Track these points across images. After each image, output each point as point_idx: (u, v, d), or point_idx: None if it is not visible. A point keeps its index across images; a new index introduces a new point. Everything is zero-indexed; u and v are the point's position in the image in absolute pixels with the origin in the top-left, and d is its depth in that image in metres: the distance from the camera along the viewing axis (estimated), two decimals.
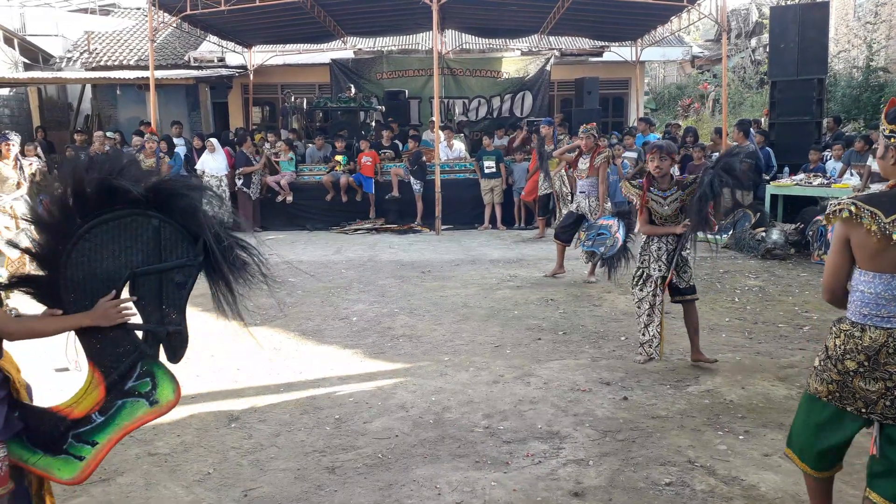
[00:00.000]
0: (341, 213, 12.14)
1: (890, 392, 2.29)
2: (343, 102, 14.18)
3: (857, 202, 2.31)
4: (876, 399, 2.31)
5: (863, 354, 2.32)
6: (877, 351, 2.29)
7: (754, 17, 25.09)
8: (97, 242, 2.20)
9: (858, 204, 2.30)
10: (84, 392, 2.29)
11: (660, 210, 4.67)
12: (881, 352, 2.28)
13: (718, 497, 3.09)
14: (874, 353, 2.29)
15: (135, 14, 20.04)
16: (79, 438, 2.25)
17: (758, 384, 4.44)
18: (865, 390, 2.33)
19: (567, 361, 4.95)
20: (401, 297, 6.98)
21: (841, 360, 2.38)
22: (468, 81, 16.39)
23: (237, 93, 17.17)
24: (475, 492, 3.17)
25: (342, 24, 14.71)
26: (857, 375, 2.34)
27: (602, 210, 7.30)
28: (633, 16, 13.67)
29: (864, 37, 16.64)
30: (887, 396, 2.29)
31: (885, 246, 2.25)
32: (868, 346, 2.31)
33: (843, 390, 2.39)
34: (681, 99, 23.32)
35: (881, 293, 2.29)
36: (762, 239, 8.76)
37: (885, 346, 2.28)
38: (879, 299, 2.30)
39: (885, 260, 2.27)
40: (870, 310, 2.32)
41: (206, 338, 5.70)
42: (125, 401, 2.28)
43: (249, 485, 3.30)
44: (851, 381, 2.36)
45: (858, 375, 2.34)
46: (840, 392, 2.40)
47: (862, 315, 2.34)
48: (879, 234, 2.24)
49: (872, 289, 2.31)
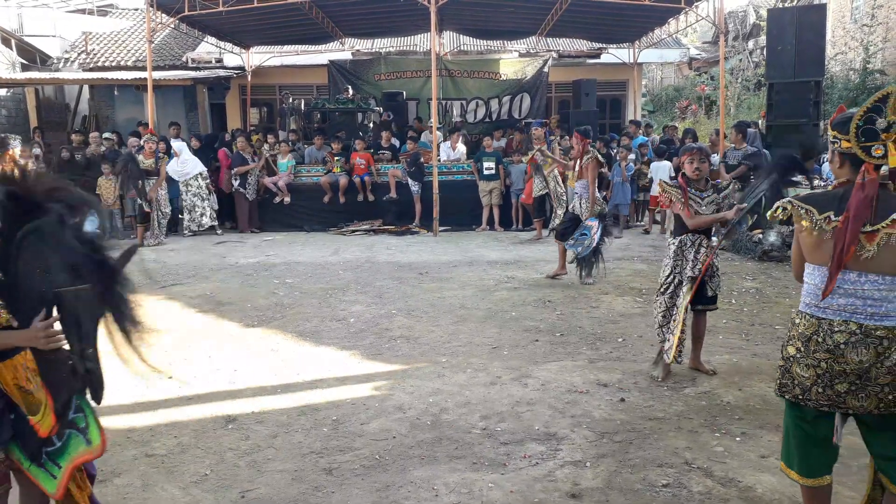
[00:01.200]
0: (339, 214, 12.14)
1: (820, 379, 2.37)
2: (341, 104, 14.19)
3: (792, 201, 2.46)
4: (809, 385, 2.40)
5: (799, 341, 2.44)
6: (808, 338, 2.41)
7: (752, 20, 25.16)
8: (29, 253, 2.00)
9: (794, 202, 2.45)
10: (45, 411, 2.19)
11: (699, 210, 4.53)
12: (811, 339, 2.40)
13: (715, 498, 3.10)
14: (806, 340, 2.41)
15: (132, 15, 20.02)
16: (49, 457, 2.21)
17: (755, 386, 4.45)
18: (800, 376, 2.43)
19: (564, 363, 4.96)
20: (398, 298, 6.99)
21: (786, 345, 2.52)
22: (466, 83, 16.41)
23: (235, 94, 17.16)
24: (472, 493, 3.17)
25: (340, 25, 14.72)
26: (794, 361, 2.45)
27: (591, 211, 7.34)
28: (630, 18, 13.69)
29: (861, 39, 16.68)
30: (818, 383, 2.38)
31: (820, 241, 2.37)
32: (802, 332, 2.44)
33: (784, 377, 2.49)
34: (678, 101, 23.36)
35: (819, 284, 2.41)
36: (759, 241, 8.78)
37: (815, 334, 2.39)
38: (817, 290, 2.41)
39: (822, 253, 2.39)
40: (810, 299, 2.45)
41: (203, 339, 5.70)
42: (70, 432, 2.20)
43: (247, 486, 3.30)
44: (791, 366, 2.46)
45: (796, 361, 2.45)
46: (781, 379, 2.50)
47: (805, 304, 2.48)
48: (813, 230, 2.37)
49: (813, 280, 2.45)
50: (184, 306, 6.84)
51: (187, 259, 9.44)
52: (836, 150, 2.43)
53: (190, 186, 11.48)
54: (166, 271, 8.58)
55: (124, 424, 4.05)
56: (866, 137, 2.32)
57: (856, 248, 2.29)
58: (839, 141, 2.41)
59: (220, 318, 6.42)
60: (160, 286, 7.73)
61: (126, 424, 4.05)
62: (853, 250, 2.29)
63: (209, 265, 8.96)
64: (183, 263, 9.11)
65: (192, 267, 8.86)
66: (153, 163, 10.72)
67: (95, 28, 18.19)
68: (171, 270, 8.63)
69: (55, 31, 17.40)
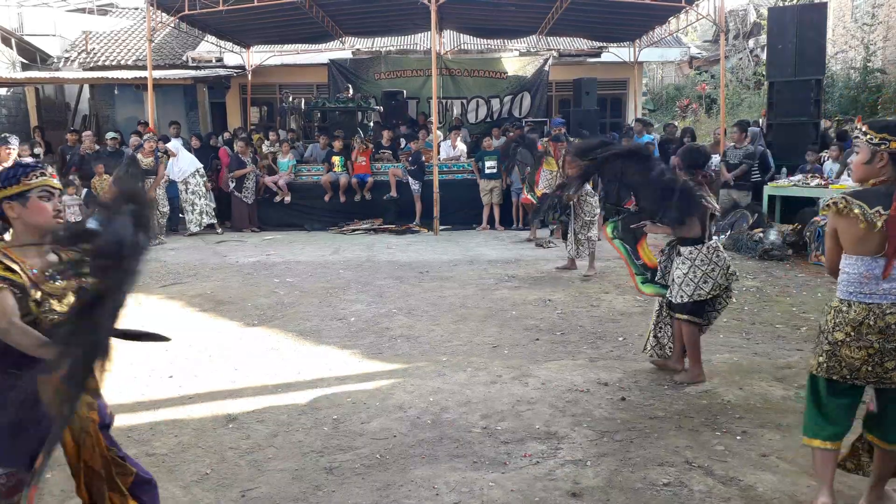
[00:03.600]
0: (339, 213, 12.14)
1: (871, 358, 2.71)
2: (341, 103, 14.18)
3: (845, 197, 2.72)
4: (859, 366, 2.74)
5: (849, 326, 2.74)
6: (860, 323, 2.72)
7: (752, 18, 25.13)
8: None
9: (847, 198, 2.71)
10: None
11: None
12: (863, 323, 2.71)
13: (716, 497, 3.09)
14: (857, 325, 2.72)
15: (133, 14, 20.00)
16: None
17: (755, 385, 4.45)
18: (851, 358, 2.74)
19: (565, 362, 4.95)
20: (399, 297, 6.98)
21: (832, 332, 2.79)
22: (466, 82, 16.39)
23: (235, 93, 17.15)
24: (473, 492, 3.17)
25: (340, 24, 14.71)
26: (843, 345, 2.75)
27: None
28: (631, 16, 13.67)
29: (862, 38, 16.67)
30: (868, 363, 2.71)
31: (869, 233, 2.67)
32: (853, 318, 2.73)
33: (832, 360, 2.80)
34: (679, 99, 23.34)
35: (863, 273, 2.71)
36: (760, 240, 8.77)
37: (867, 318, 2.70)
38: (862, 279, 2.71)
39: (867, 245, 2.69)
40: (854, 288, 2.74)
41: (204, 338, 5.70)
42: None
43: (247, 485, 3.30)
44: (840, 350, 2.77)
45: (845, 345, 2.75)
46: (828, 362, 2.81)
47: (848, 293, 2.77)
48: (865, 223, 2.66)
49: (856, 270, 2.73)
50: (184, 305, 6.84)
51: (187, 258, 9.44)
52: (885, 151, 2.71)
53: (188, 184, 11.49)
54: (166, 270, 8.58)
55: (125, 423, 4.05)
56: None
57: None
58: (888, 142, 2.71)
59: (221, 317, 6.42)
60: (160, 285, 7.73)
61: (127, 423, 4.04)
62: None
63: (209, 264, 8.96)
64: (183, 262, 9.11)
65: (192, 266, 8.86)
66: (152, 161, 10.71)
67: (95, 27, 18.18)
68: (171, 270, 8.63)
69: (55, 31, 17.36)
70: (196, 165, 11.55)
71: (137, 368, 4.97)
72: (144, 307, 6.83)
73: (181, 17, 12.29)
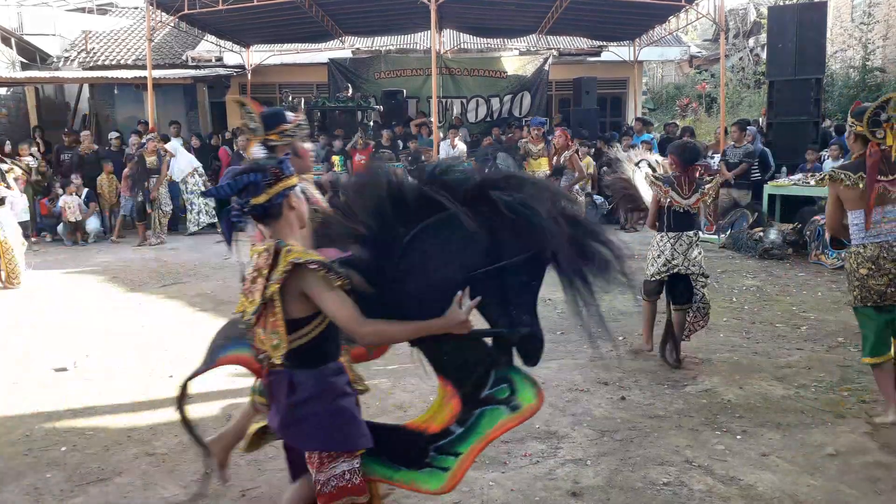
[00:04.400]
0: None
1: (892, 282, 3.64)
2: (341, 102, 14.17)
3: (835, 169, 3.83)
4: (885, 290, 3.66)
5: (869, 262, 3.68)
6: (876, 257, 3.66)
7: (752, 17, 25.12)
8: (426, 249, 2.11)
9: (836, 170, 3.80)
10: (437, 407, 2.27)
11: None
12: (879, 257, 3.66)
13: (716, 497, 3.09)
14: (875, 259, 3.66)
15: (132, 13, 19.97)
16: (441, 451, 2.21)
17: (755, 384, 4.45)
18: (877, 285, 3.68)
19: (565, 361, 4.95)
20: None
21: (857, 270, 3.73)
22: (466, 81, 16.39)
23: (235, 92, 17.09)
24: (473, 492, 3.17)
25: (340, 23, 14.70)
26: (869, 277, 3.69)
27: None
28: (630, 15, 13.68)
29: (860, 37, 16.67)
30: (891, 285, 3.65)
31: (858, 192, 3.67)
32: (870, 256, 3.68)
33: (863, 291, 3.72)
34: (679, 99, 23.33)
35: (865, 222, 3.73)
36: (760, 239, 8.76)
37: (881, 253, 3.66)
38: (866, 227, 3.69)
39: (861, 201, 3.69)
40: (863, 234, 3.71)
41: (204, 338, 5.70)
42: (483, 409, 2.20)
43: (247, 485, 3.30)
44: (867, 282, 3.70)
45: (870, 277, 3.68)
46: (861, 294, 3.74)
47: (861, 238, 3.72)
48: (852, 186, 3.67)
49: (860, 220, 3.71)
50: (184, 305, 6.84)
51: (188, 258, 9.44)
52: (853, 132, 3.80)
53: (187, 184, 11.48)
54: (167, 270, 8.58)
55: (125, 423, 4.05)
56: (873, 125, 3.65)
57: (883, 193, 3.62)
58: (855, 125, 3.76)
59: (221, 317, 6.40)
60: (160, 285, 7.73)
61: (127, 424, 4.05)
62: (875, 193, 3.61)
63: (210, 264, 8.95)
64: (183, 262, 9.11)
65: (192, 266, 8.86)
66: (155, 160, 10.72)
67: (95, 27, 18.16)
68: (171, 269, 8.63)
69: (55, 30, 17.35)
70: (194, 165, 11.55)
71: (138, 368, 4.98)
72: (144, 307, 6.84)
73: (181, 17, 12.29)
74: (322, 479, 2.13)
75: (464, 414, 2.21)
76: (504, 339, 2.20)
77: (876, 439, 3.62)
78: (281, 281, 2.02)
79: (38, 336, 5.79)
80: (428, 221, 2.11)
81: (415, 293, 2.13)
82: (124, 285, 7.83)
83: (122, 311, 6.70)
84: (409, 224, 2.13)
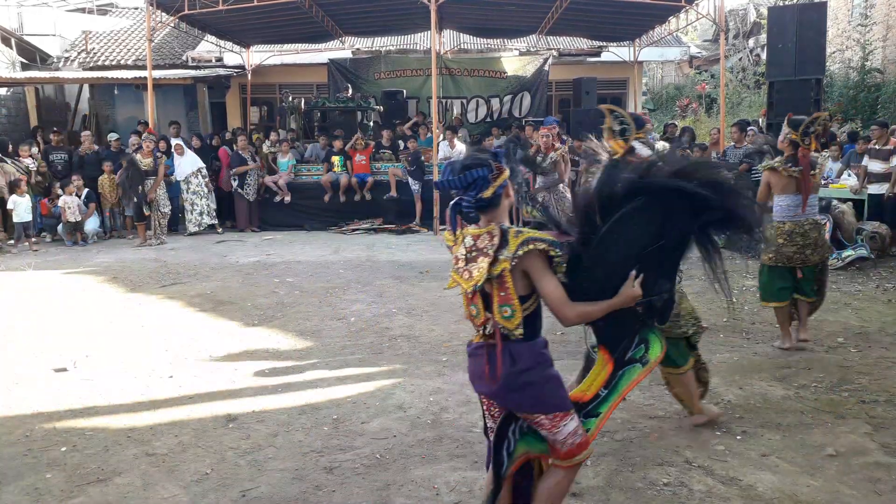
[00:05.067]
0: (339, 213, 12.13)
1: (800, 251, 4.95)
2: (341, 102, 14.17)
3: (774, 163, 4.96)
4: (791, 255, 4.97)
5: (785, 234, 4.97)
6: (791, 232, 4.96)
7: (752, 18, 25.13)
8: (616, 237, 2.38)
9: (775, 163, 4.94)
10: (595, 375, 2.52)
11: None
12: (793, 232, 4.96)
13: (716, 497, 3.09)
14: (790, 233, 4.96)
15: (132, 14, 19.98)
16: (588, 415, 2.48)
17: (755, 384, 4.45)
18: (787, 251, 4.97)
19: (565, 362, 4.93)
20: (399, 297, 6.98)
21: (775, 239, 4.90)
22: (466, 81, 16.39)
23: (235, 93, 17.15)
24: (473, 492, 3.17)
25: (340, 23, 14.71)
26: (783, 245, 4.97)
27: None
28: (630, 16, 13.67)
29: (858, 38, 16.68)
30: (798, 253, 4.95)
31: (787, 180, 4.92)
32: (787, 230, 4.97)
33: (777, 255, 5.00)
34: (679, 99, 23.33)
35: (788, 205, 5.01)
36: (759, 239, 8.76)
37: (794, 229, 4.94)
38: (789, 208, 5.00)
39: (789, 187, 4.95)
40: (785, 213, 4.99)
41: (204, 338, 5.70)
42: (624, 370, 2.49)
43: (247, 485, 3.30)
44: (781, 248, 4.97)
45: (784, 245, 4.97)
46: (775, 256, 5.00)
47: (782, 217, 5.00)
48: (788, 177, 4.90)
49: (785, 202, 4.99)
50: (184, 305, 6.84)
51: (188, 258, 9.44)
52: (788, 137, 4.92)
53: (189, 184, 11.48)
54: (166, 270, 8.58)
55: (125, 423, 4.05)
56: (804, 135, 4.84)
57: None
58: (791, 133, 4.89)
59: (221, 317, 6.42)
60: (160, 285, 7.74)
61: (127, 424, 4.05)
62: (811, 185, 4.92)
63: (210, 264, 8.96)
64: (183, 262, 9.11)
65: (192, 266, 8.86)
66: (151, 162, 10.70)
67: (95, 27, 18.17)
68: (171, 269, 8.63)
69: (55, 30, 17.35)
70: (197, 165, 11.54)
71: (137, 368, 4.98)
72: (144, 307, 6.84)
73: (181, 17, 12.29)
74: (559, 439, 2.38)
75: (611, 377, 2.50)
76: (653, 305, 2.49)
77: (876, 440, 3.62)
78: (514, 258, 2.24)
79: (38, 336, 5.80)
80: (622, 211, 2.37)
81: (601, 277, 2.41)
82: (124, 285, 7.83)
83: (122, 311, 6.70)
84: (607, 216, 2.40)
